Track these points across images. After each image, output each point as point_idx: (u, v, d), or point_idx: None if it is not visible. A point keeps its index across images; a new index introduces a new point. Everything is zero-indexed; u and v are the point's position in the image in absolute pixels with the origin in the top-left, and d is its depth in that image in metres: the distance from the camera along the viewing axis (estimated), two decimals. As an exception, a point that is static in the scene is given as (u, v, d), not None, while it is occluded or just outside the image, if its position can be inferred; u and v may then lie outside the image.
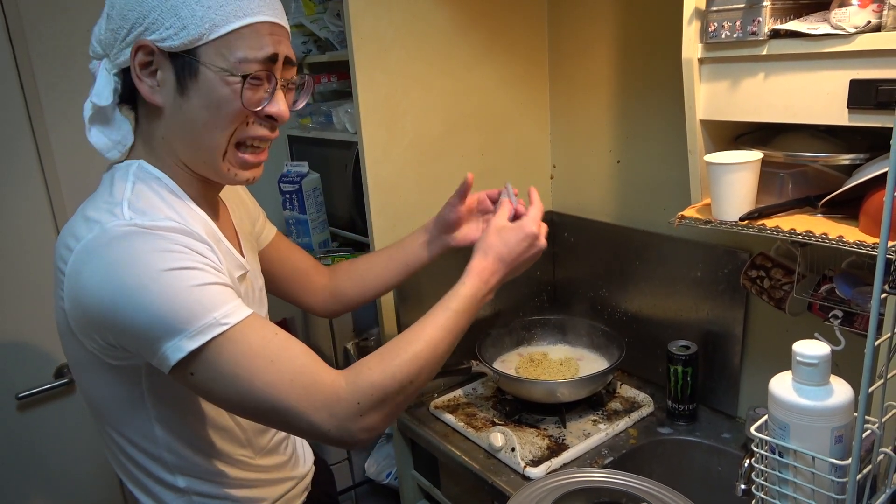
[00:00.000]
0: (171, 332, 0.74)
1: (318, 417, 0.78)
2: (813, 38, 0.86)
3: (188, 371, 0.76)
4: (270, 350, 0.79)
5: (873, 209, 0.88)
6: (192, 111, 0.81)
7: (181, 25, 0.78)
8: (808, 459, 0.69)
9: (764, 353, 1.35)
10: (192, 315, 0.74)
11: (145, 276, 0.74)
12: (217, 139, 0.83)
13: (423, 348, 0.88)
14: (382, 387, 0.82)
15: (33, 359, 1.54)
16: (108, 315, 0.75)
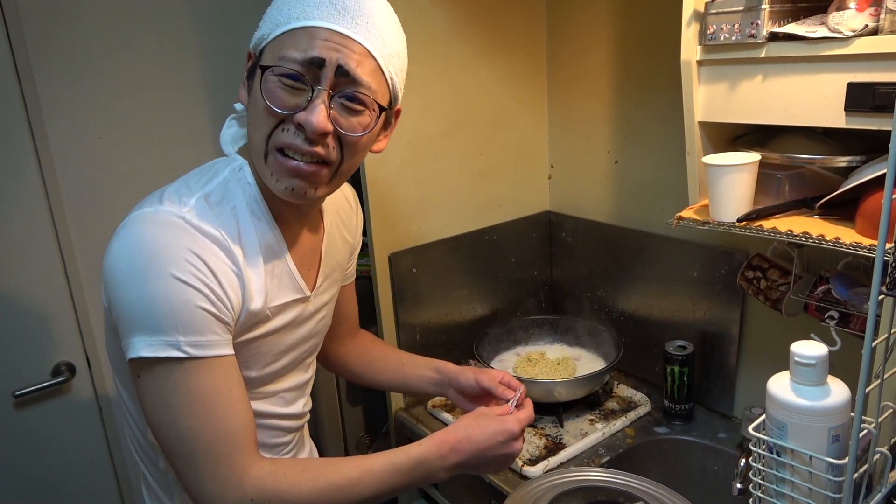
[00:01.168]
0: (142, 329, 0.75)
1: (210, 488, 0.77)
2: (811, 41, 0.87)
3: (136, 373, 0.78)
4: (213, 401, 0.77)
5: (870, 211, 0.88)
6: (251, 111, 0.83)
7: (258, 27, 0.83)
8: (805, 458, 0.70)
9: (760, 354, 1.35)
10: (167, 326, 0.75)
11: (157, 270, 0.75)
12: (258, 139, 0.82)
13: (343, 485, 0.82)
14: (281, 499, 0.79)
15: (30, 356, 1.54)
16: (109, 282, 0.77)
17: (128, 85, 1.57)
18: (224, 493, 0.77)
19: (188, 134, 1.68)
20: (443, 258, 1.57)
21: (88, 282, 1.58)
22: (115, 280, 0.77)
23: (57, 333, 1.57)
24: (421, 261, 1.53)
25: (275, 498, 0.78)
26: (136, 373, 0.78)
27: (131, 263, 0.76)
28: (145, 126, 1.61)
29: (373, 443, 1.72)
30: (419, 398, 1.56)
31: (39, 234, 1.51)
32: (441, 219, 1.55)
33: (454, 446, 0.89)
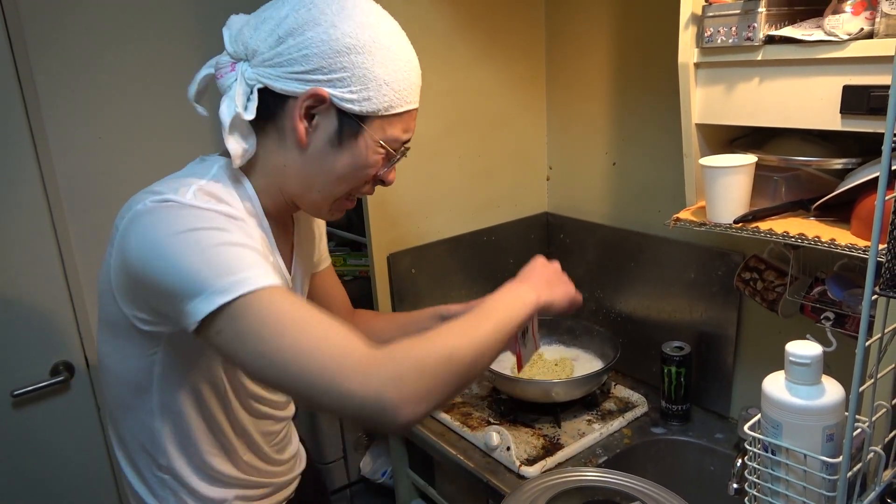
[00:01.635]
0: (199, 288, 0.74)
1: (350, 383, 0.72)
2: (807, 44, 0.88)
3: (215, 329, 0.75)
4: (300, 314, 0.76)
5: (865, 213, 0.89)
6: (338, 163, 0.88)
7: (366, 96, 0.84)
8: (800, 457, 0.71)
9: (756, 355, 1.36)
10: (221, 272, 0.75)
11: (178, 234, 0.76)
12: (342, 190, 0.91)
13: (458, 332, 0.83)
14: (421, 354, 0.77)
15: (29, 356, 1.54)
16: (144, 273, 0.77)
17: (127, 85, 1.57)
18: (366, 377, 0.73)
19: (187, 134, 1.69)
20: (441, 259, 1.58)
21: (87, 282, 1.58)
22: (146, 266, 0.77)
23: (56, 333, 1.57)
24: (420, 261, 1.53)
25: (410, 349, 0.77)
26: (213, 331, 0.75)
27: (155, 241, 0.76)
28: (145, 127, 1.62)
29: (371, 443, 1.73)
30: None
31: (39, 235, 1.51)
32: (440, 219, 1.56)
33: (518, 281, 1.01)
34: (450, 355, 0.79)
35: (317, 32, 0.82)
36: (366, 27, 0.85)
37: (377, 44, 0.85)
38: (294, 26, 0.82)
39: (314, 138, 0.87)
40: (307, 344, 0.74)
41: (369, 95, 0.85)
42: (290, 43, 0.82)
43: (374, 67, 0.84)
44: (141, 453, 0.95)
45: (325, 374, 0.73)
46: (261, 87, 0.85)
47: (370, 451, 1.72)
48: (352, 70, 0.83)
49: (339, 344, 0.75)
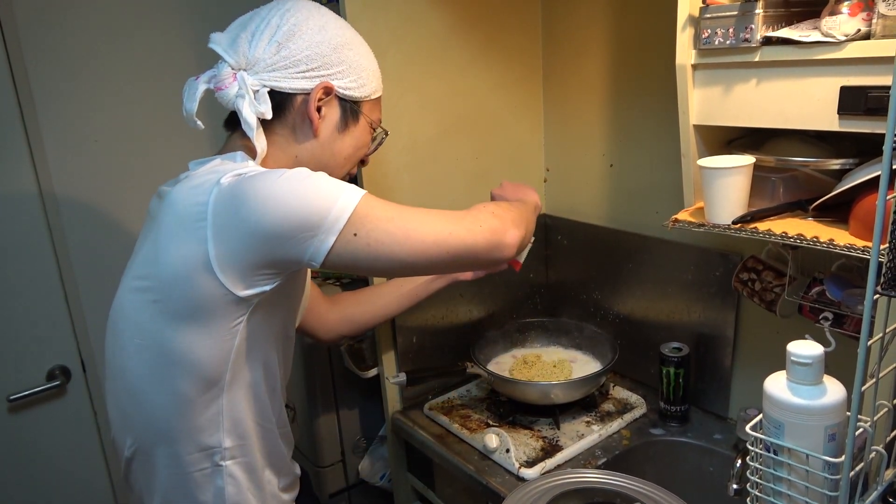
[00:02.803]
0: (329, 207, 0.84)
1: (468, 232, 0.93)
2: (804, 45, 0.88)
3: (350, 233, 0.86)
4: (399, 206, 0.92)
5: (863, 213, 0.89)
6: (343, 146, 1.02)
7: (362, 83, 1.01)
8: (802, 457, 0.71)
9: (755, 355, 1.36)
10: (338, 190, 0.86)
11: (294, 180, 0.85)
12: (346, 170, 1.06)
13: None
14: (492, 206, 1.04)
15: (25, 360, 1.53)
16: (274, 228, 0.83)
17: (123, 88, 1.57)
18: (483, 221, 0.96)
19: (183, 135, 1.68)
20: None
21: (84, 285, 1.57)
22: (276, 213, 0.83)
23: (52, 338, 1.56)
24: (417, 264, 1.53)
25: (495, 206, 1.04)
26: (351, 233, 0.86)
27: (269, 198, 0.83)
28: (141, 128, 1.61)
29: (369, 446, 1.72)
30: (416, 401, 1.56)
31: (34, 237, 1.50)
32: (437, 222, 1.56)
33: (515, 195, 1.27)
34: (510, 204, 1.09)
35: (311, 34, 0.95)
36: (343, 27, 1.00)
37: (356, 39, 1.02)
38: (290, 32, 0.94)
39: (323, 127, 0.99)
40: (423, 213, 0.92)
41: (363, 82, 1.01)
42: (290, 47, 0.94)
43: (361, 59, 1.01)
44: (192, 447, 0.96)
45: (450, 226, 0.93)
46: (268, 90, 0.95)
47: (368, 453, 1.71)
48: (348, 63, 0.98)
49: (437, 210, 0.95)
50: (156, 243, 0.89)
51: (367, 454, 1.72)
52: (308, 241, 0.85)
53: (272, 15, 0.95)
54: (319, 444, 1.64)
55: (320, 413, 1.61)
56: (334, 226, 0.85)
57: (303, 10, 0.97)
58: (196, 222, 0.85)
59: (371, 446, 1.73)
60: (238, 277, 0.86)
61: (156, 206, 0.96)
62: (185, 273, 0.86)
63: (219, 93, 0.95)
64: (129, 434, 0.99)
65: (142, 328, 0.92)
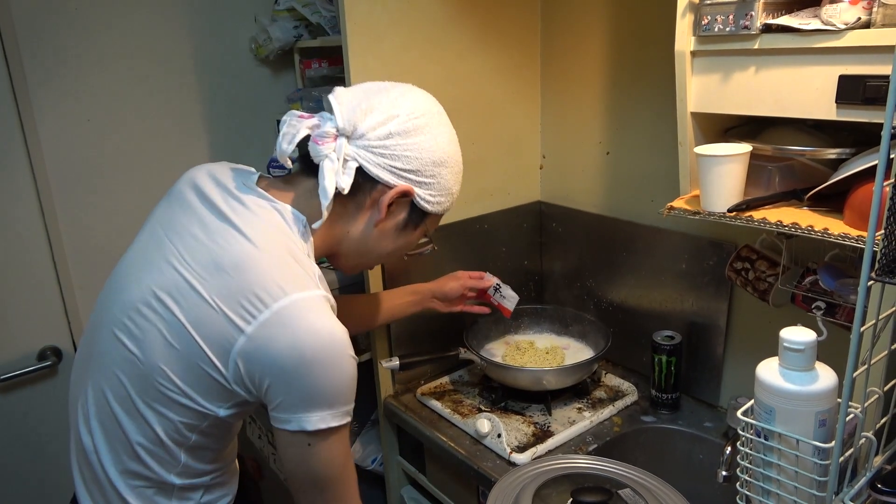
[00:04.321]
0: (329, 405, 0.86)
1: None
2: (804, 33, 0.88)
3: (308, 441, 0.87)
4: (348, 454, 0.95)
5: (858, 203, 0.90)
6: (396, 244, 1.03)
7: (439, 201, 1.01)
8: (792, 442, 0.71)
9: (747, 344, 1.37)
10: (348, 398, 0.88)
11: (340, 357, 0.86)
12: (380, 262, 1.14)
13: None
14: None
15: (16, 341, 1.53)
16: (286, 372, 0.83)
17: (117, 68, 1.56)
18: None
19: (177, 116, 1.67)
20: (434, 246, 1.57)
21: (75, 265, 1.57)
22: (300, 368, 0.83)
23: (43, 318, 1.56)
24: (412, 249, 1.53)
25: None
26: (307, 441, 0.87)
27: (320, 352, 0.84)
28: (134, 109, 1.60)
29: (361, 430, 1.73)
30: (408, 386, 1.57)
31: (26, 218, 1.49)
32: (432, 207, 1.55)
33: None
34: None
35: (423, 140, 0.95)
36: (452, 144, 1.01)
37: (456, 158, 1.02)
38: (406, 128, 0.94)
39: (386, 222, 0.99)
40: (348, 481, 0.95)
41: (441, 200, 1.02)
42: (398, 141, 0.94)
43: (451, 179, 1.01)
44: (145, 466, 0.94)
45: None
46: (356, 166, 0.94)
47: (360, 438, 1.72)
48: (438, 179, 0.99)
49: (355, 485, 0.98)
50: (201, 291, 0.85)
51: (359, 438, 1.73)
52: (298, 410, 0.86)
53: (400, 103, 0.95)
54: (311, 427, 1.64)
55: (313, 397, 1.61)
56: (322, 422, 0.86)
57: (427, 115, 0.97)
58: (247, 311, 0.84)
59: (363, 430, 1.74)
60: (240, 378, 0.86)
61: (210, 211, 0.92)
62: (206, 341, 0.85)
63: (313, 145, 0.93)
64: (84, 416, 0.97)
65: (140, 343, 0.88)
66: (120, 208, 1.61)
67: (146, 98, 1.61)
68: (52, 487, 1.62)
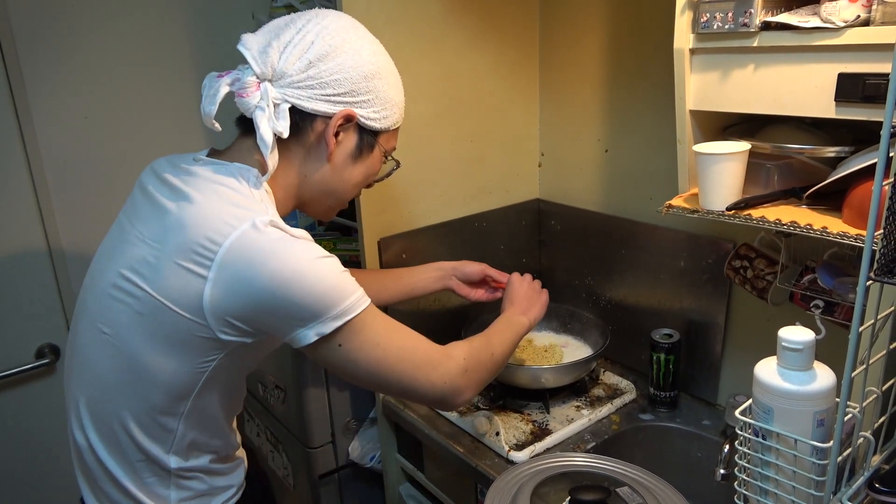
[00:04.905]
0: (329, 307, 0.86)
1: (435, 375, 0.96)
2: (803, 30, 0.88)
3: (335, 342, 0.88)
4: (396, 325, 0.96)
5: (857, 201, 0.89)
6: (354, 173, 1.01)
7: (385, 115, 0.99)
8: (790, 442, 0.71)
9: (745, 343, 1.37)
10: (346, 293, 0.88)
11: (307, 264, 0.85)
12: (351, 196, 1.05)
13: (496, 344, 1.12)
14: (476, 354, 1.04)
15: (13, 339, 1.53)
16: (271, 299, 0.84)
17: (114, 65, 1.55)
18: (444, 369, 0.97)
19: (174, 113, 1.67)
20: (432, 244, 1.57)
21: (73, 263, 1.56)
22: (277, 294, 0.84)
23: (40, 316, 1.56)
24: (410, 246, 1.53)
25: (471, 351, 1.03)
26: (335, 344, 0.88)
27: (289, 272, 0.84)
28: (131, 106, 1.60)
29: (360, 427, 1.73)
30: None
31: (23, 215, 1.49)
32: (431, 204, 1.55)
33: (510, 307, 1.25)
34: (492, 355, 1.08)
35: (345, 59, 0.93)
36: (378, 53, 0.98)
37: (388, 68, 1.00)
38: (323, 52, 0.91)
39: (338, 153, 0.97)
40: (407, 347, 0.95)
41: (387, 114, 0.99)
42: (320, 67, 0.91)
43: (389, 90, 0.99)
44: (140, 454, 0.94)
45: (421, 371, 0.95)
46: (289, 107, 0.92)
47: (358, 435, 1.72)
48: (375, 93, 0.96)
49: (422, 346, 0.97)
50: (159, 256, 0.86)
51: (357, 436, 1.73)
52: (295, 327, 0.87)
53: (309, 29, 0.92)
54: (309, 425, 1.64)
55: (311, 394, 1.61)
56: (324, 328, 0.87)
57: (341, 32, 0.94)
58: (202, 257, 0.84)
59: (361, 428, 1.73)
60: (224, 324, 0.86)
61: (158, 191, 0.93)
62: (178, 303, 0.85)
63: (239, 99, 0.92)
64: (76, 414, 0.98)
65: (116, 327, 0.90)
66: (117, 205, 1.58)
67: (144, 96, 1.60)
68: (49, 485, 1.62)
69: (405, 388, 0.96)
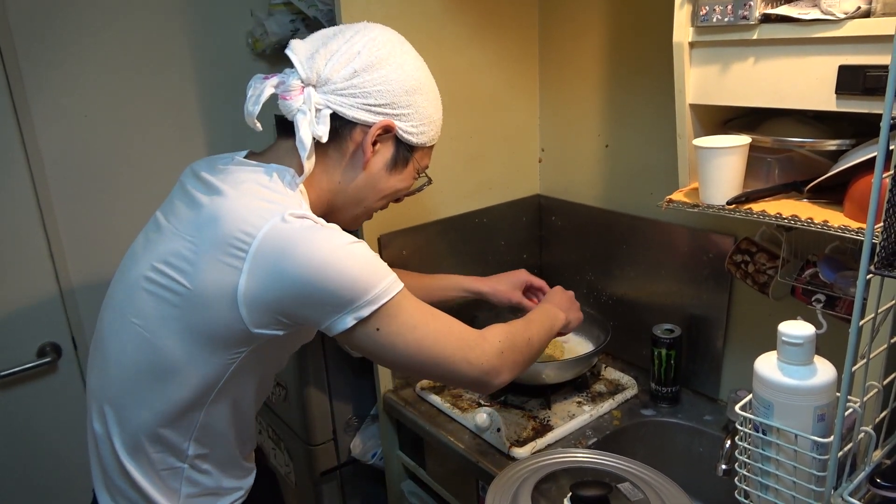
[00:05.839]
0: (364, 291, 0.87)
1: (473, 357, 0.97)
2: (803, 23, 0.87)
3: (372, 326, 0.89)
4: (425, 307, 0.96)
5: (858, 194, 0.89)
6: (387, 185, 1.02)
7: (422, 130, 1.00)
8: (790, 437, 0.71)
9: (747, 337, 1.37)
10: (379, 276, 0.89)
11: (339, 250, 0.86)
12: (380, 206, 1.06)
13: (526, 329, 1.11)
14: (512, 338, 1.05)
15: (15, 337, 1.53)
16: (306, 286, 0.85)
17: (114, 63, 1.55)
18: (481, 350, 0.98)
19: (174, 111, 1.67)
20: (433, 240, 1.57)
21: (73, 262, 1.56)
22: (314, 281, 0.85)
23: (42, 314, 1.56)
24: (411, 243, 1.52)
25: (506, 335, 1.04)
26: (372, 329, 0.89)
27: (322, 259, 0.85)
28: (131, 104, 1.59)
29: (361, 425, 1.73)
30: (408, 380, 1.56)
31: (24, 214, 1.49)
32: (432, 201, 1.55)
33: (550, 304, 1.26)
34: (529, 340, 1.09)
35: (389, 71, 0.95)
36: (420, 69, 1.00)
37: (430, 84, 1.02)
38: (369, 63, 0.93)
39: (373, 163, 0.99)
40: (443, 329, 0.96)
41: (424, 130, 1.01)
42: (365, 77, 0.93)
43: (429, 106, 1.01)
44: (158, 445, 0.96)
45: (458, 352, 0.95)
46: (330, 113, 0.94)
47: (360, 432, 1.72)
48: (415, 108, 0.98)
49: (458, 329, 0.98)
50: (195, 250, 0.88)
51: (359, 433, 1.73)
52: (331, 314, 0.88)
53: (357, 40, 0.94)
54: (311, 422, 1.64)
55: (312, 392, 1.61)
56: (361, 312, 0.87)
57: (387, 45, 0.96)
58: (237, 250, 0.85)
59: (363, 425, 1.74)
60: (257, 316, 0.87)
61: (194, 188, 0.95)
62: (213, 296, 0.86)
63: (282, 101, 0.94)
64: (97, 404, 0.99)
65: (147, 319, 0.91)
66: (117, 203, 1.61)
67: (143, 93, 1.60)
68: (51, 484, 1.63)
69: (444, 370, 0.96)
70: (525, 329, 1.09)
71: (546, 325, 1.17)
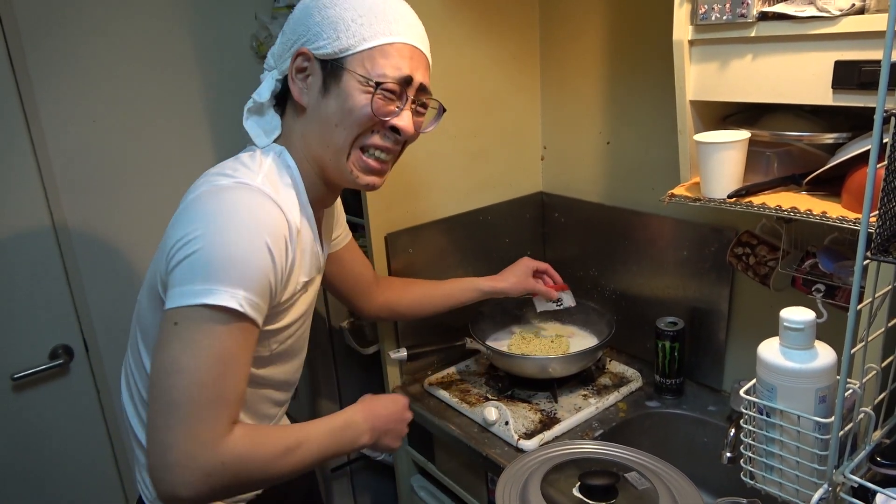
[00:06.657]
0: (213, 279, 0.79)
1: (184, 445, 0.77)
2: (799, 20, 0.89)
3: (175, 319, 0.79)
4: (233, 364, 0.81)
5: (855, 186, 0.91)
6: (329, 110, 0.93)
7: (336, 36, 0.90)
8: (793, 419, 0.73)
9: (749, 328, 1.39)
10: (237, 282, 0.80)
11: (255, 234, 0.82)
12: (344, 139, 0.93)
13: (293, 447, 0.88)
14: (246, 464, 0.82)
15: (28, 340, 1.55)
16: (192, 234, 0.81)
17: (120, 67, 1.57)
18: (196, 452, 0.77)
19: (180, 115, 1.69)
20: (438, 238, 1.59)
21: (84, 264, 1.58)
22: (204, 231, 0.80)
23: (54, 317, 1.57)
24: (417, 241, 1.55)
25: (240, 463, 0.81)
26: (174, 320, 0.79)
27: (231, 220, 0.81)
28: (139, 107, 1.61)
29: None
30: (416, 376, 1.59)
31: (35, 217, 1.51)
32: (436, 200, 1.57)
33: (367, 410, 1.03)
34: (265, 472, 0.84)
35: (298, 12, 0.94)
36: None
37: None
38: (289, 19, 0.95)
39: (310, 96, 0.94)
40: (205, 393, 0.78)
41: (338, 36, 0.90)
42: (286, 32, 0.95)
43: (342, 12, 0.90)
44: None
45: (184, 426, 0.77)
46: (279, 79, 0.97)
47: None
48: (322, 23, 0.90)
49: (217, 414, 0.79)
50: None
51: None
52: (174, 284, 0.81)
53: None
54: (321, 419, 1.66)
55: (321, 389, 1.63)
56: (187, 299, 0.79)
57: None
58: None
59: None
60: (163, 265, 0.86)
61: None
62: (157, 260, 0.90)
63: (256, 97, 1.00)
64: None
65: (144, 325, 0.96)
66: (127, 206, 1.62)
67: (150, 97, 1.62)
68: (63, 487, 1.64)
69: (154, 424, 0.79)
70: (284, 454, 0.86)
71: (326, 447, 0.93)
